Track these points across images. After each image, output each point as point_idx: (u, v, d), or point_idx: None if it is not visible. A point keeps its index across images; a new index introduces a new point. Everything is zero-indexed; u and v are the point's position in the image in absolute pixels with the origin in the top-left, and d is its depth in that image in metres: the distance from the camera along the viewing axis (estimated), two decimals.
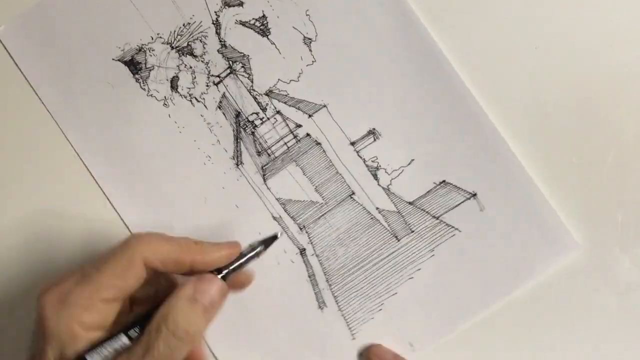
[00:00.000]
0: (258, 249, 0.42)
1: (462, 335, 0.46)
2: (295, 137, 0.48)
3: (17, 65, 0.49)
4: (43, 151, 0.49)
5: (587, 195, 0.46)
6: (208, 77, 0.48)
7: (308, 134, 0.48)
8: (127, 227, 0.48)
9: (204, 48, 0.48)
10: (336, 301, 0.47)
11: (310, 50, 0.48)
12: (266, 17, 0.48)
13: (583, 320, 0.46)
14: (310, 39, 0.48)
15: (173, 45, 0.48)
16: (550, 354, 0.46)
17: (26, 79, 0.49)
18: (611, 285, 0.46)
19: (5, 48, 0.49)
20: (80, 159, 0.48)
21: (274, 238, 0.44)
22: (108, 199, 0.48)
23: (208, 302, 0.39)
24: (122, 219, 0.48)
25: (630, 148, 0.46)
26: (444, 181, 0.47)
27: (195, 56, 0.48)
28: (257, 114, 0.48)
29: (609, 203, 0.46)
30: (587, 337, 0.46)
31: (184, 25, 0.48)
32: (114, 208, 0.48)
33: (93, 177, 0.48)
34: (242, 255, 0.42)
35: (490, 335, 0.46)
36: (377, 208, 0.47)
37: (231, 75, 0.48)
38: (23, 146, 0.49)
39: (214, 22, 0.48)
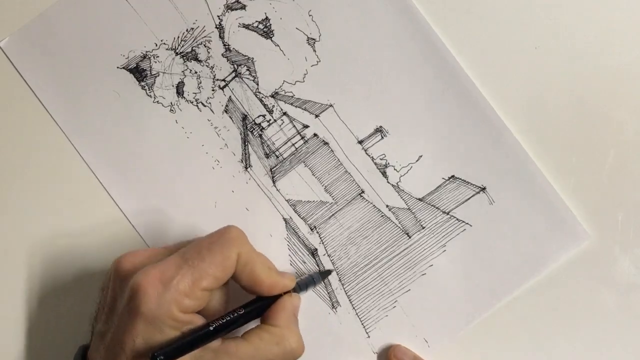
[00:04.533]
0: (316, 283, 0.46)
1: (462, 335, 0.47)
2: (302, 137, 0.48)
3: (22, 77, 0.49)
4: (51, 162, 0.49)
5: (587, 196, 0.46)
6: (213, 82, 0.48)
7: (315, 134, 0.48)
8: (140, 235, 0.48)
9: (208, 52, 0.48)
10: (350, 300, 0.47)
11: (315, 51, 0.48)
12: (269, 19, 0.48)
13: (583, 320, 0.46)
14: (313, 39, 0.48)
15: (177, 51, 0.48)
16: (550, 354, 0.46)
17: (32, 90, 0.49)
18: (611, 285, 0.46)
19: (10, 60, 0.49)
20: (89, 168, 0.48)
21: (328, 272, 0.47)
22: (119, 207, 0.48)
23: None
24: (134, 227, 0.48)
25: (630, 148, 0.46)
26: (452, 176, 0.47)
27: (199, 61, 0.48)
28: (263, 116, 0.48)
29: (609, 203, 0.46)
30: (587, 337, 0.46)
31: (187, 30, 0.48)
32: (126, 217, 0.48)
33: (103, 186, 0.48)
34: (300, 285, 0.45)
35: (489, 336, 0.46)
36: (387, 205, 0.47)
37: (236, 78, 0.48)
38: (30, 157, 0.49)
39: (217, 26, 0.48)
